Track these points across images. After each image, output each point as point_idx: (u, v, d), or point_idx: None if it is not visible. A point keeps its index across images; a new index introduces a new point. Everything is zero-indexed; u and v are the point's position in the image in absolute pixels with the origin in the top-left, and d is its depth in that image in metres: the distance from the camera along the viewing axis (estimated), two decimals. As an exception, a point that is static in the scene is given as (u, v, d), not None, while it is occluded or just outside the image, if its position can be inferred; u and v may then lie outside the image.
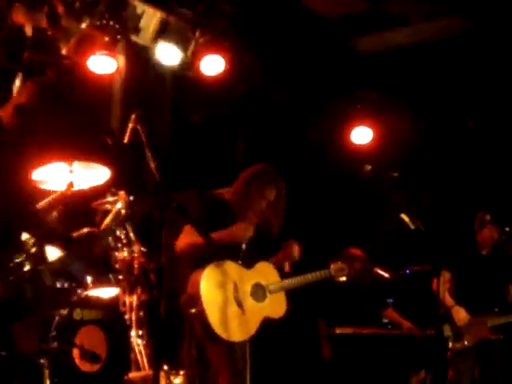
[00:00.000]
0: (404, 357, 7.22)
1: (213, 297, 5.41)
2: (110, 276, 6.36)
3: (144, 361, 6.67)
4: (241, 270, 5.67)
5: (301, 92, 8.49)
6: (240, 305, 5.56)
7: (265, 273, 5.83)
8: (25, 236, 5.40)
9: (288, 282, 5.91)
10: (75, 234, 6.30)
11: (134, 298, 6.83)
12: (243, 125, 8.76)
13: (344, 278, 6.02)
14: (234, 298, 5.55)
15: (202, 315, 5.35)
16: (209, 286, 5.42)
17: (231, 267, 5.59)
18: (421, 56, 8.12)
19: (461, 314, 6.95)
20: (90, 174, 6.41)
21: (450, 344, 6.98)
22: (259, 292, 5.73)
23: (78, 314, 5.99)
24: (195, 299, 5.37)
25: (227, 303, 5.47)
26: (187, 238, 5.46)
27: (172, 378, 6.71)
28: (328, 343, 7.88)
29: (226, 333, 5.38)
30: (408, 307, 7.93)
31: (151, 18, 7.28)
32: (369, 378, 7.64)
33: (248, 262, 5.72)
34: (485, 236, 7.07)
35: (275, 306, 5.81)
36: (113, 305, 6.53)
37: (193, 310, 5.30)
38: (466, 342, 6.92)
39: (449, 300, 7.06)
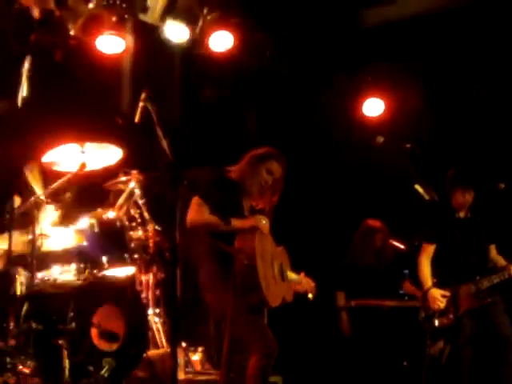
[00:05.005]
0: (422, 327, 7.22)
1: (261, 258, 5.50)
2: (126, 255, 6.40)
3: (162, 338, 6.72)
4: (274, 246, 5.81)
5: (311, 66, 8.44)
6: (274, 275, 5.65)
7: (284, 258, 5.92)
8: None
9: (293, 275, 6.05)
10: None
11: (150, 276, 6.87)
12: (254, 100, 8.73)
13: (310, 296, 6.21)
14: (271, 267, 5.65)
15: (253, 265, 5.40)
16: (259, 247, 5.51)
17: (270, 240, 5.74)
18: (432, 26, 8.04)
19: (436, 297, 6.89)
20: (102, 155, 6.44)
21: (437, 322, 6.93)
22: (282, 272, 5.81)
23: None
24: (248, 253, 5.44)
25: (267, 268, 5.59)
26: (197, 213, 5.50)
27: (190, 354, 6.77)
28: (346, 316, 7.91)
29: (266, 291, 5.45)
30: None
31: (158, -4, 7.25)
32: (387, 349, 7.67)
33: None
34: (459, 200, 7.00)
35: (289, 291, 5.90)
36: (129, 284, 6.57)
37: (245, 262, 5.35)
38: (451, 316, 6.86)
39: (427, 281, 7.00)
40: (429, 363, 7.06)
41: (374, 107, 8.39)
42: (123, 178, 6.90)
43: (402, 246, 8.11)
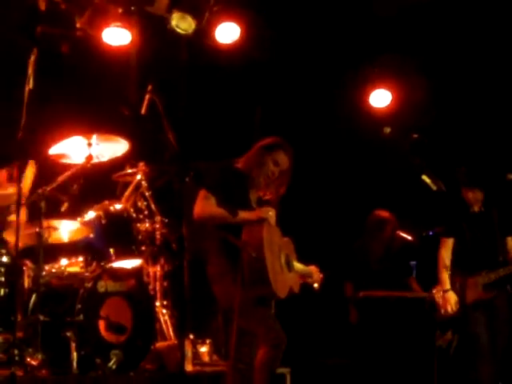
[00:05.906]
0: (430, 318, 7.22)
1: (268, 249, 5.48)
2: (133, 247, 6.41)
3: (170, 330, 6.73)
4: (281, 236, 5.78)
5: (318, 57, 8.42)
6: (281, 266, 5.63)
7: (290, 249, 5.90)
8: None
9: (300, 266, 6.02)
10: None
11: (158, 268, 6.87)
12: (260, 92, 8.71)
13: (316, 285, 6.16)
14: (278, 258, 5.64)
15: (261, 258, 5.38)
16: (266, 238, 5.49)
17: (277, 231, 5.71)
18: (439, 16, 8.02)
19: (450, 302, 6.88)
20: (109, 147, 6.44)
21: (442, 311, 6.94)
22: (289, 263, 5.79)
23: (102, 286, 6.05)
24: (255, 245, 5.42)
25: (275, 259, 5.57)
26: (204, 206, 5.48)
27: (198, 346, 6.77)
28: (354, 307, 7.91)
29: (274, 283, 5.44)
30: (432, 269, 7.91)
31: (164, -13, 7.23)
32: (395, 339, 7.67)
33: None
34: (469, 197, 6.97)
35: (296, 281, 5.89)
36: (137, 276, 6.58)
37: (253, 254, 5.33)
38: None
39: (445, 282, 6.99)
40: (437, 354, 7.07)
41: (381, 98, 8.38)
42: (130, 170, 6.91)
43: (409, 238, 8.09)
